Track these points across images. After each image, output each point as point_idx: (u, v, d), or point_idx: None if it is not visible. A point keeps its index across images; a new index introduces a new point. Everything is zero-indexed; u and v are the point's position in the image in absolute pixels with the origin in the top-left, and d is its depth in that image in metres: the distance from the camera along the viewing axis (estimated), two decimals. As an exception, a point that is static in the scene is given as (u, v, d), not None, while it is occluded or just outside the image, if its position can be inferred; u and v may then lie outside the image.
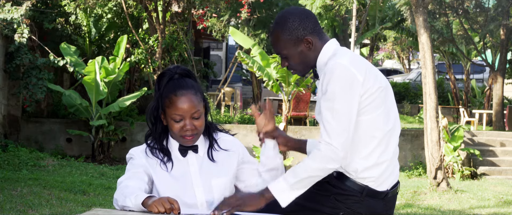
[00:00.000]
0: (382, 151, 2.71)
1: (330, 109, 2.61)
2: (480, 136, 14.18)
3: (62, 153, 12.29)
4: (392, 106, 2.79)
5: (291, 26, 2.74)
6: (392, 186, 2.79)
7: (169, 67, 2.78)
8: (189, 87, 2.70)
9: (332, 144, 2.58)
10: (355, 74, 2.62)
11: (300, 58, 2.78)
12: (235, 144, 2.89)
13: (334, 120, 2.60)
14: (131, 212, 2.58)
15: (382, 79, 2.75)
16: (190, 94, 2.68)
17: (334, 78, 2.61)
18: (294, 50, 2.77)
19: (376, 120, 2.69)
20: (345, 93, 2.60)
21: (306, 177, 2.61)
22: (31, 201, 7.33)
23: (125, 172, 2.76)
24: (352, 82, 2.61)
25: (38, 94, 11.65)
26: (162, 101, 2.70)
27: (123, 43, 12.48)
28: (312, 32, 2.76)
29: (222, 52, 30.28)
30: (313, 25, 2.77)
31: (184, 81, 2.71)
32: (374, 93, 2.66)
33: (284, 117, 12.10)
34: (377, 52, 31.21)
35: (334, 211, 2.71)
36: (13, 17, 11.17)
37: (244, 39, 12.59)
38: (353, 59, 2.69)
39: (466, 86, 21.16)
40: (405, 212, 8.52)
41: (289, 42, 2.76)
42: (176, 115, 2.67)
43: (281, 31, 2.76)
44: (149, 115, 2.76)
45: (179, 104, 2.66)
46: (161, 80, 2.73)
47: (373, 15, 20.19)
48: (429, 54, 10.03)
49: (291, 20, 2.75)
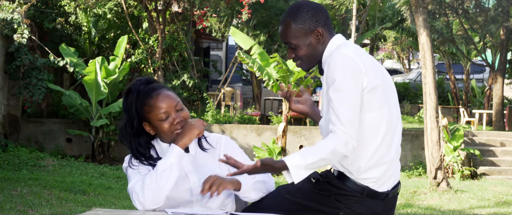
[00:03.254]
0: (384, 151, 2.70)
1: (339, 99, 2.59)
2: (480, 136, 14.18)
3: (62, 153, 12.29)
4: (395, 106, 2.77)
5: (304, 16, 2.74)
6: (393, 187, 2.78)
7: (131, 83, 2.81)
8: (160, 87, 2.76)
9: (347, 132, 2.56)
10: (358, 63, 2.62)
11: (308, 50, 2.77)
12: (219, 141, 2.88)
13: (344, 109, 2.57)
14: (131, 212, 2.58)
15: (386, 78, 2.74)
16: (164, 91, 2.74)
17: (339, 67, 2.60)
18: (304, 41, 2.76)
19: (379, 118, 2.67)
20: (351, 82, 2.59)
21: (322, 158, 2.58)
22: (31, 201, 7.33)
23: (130, 179, 2.76)
24: (356, 71, 2.61)
25: (37, 95, 11.65)
26: (140, 112, 2.72)
27: (123, 43, 12.49)
28: (324, 25, 2.76)
29: (222, 52, 30.28)
30: (325, 18, 2.77)
31: (153, 86, 2.76)
32: (377, 89, 2.65)
33: (284, 117, 12.10)
34: (377, 52, 31.20)
35: (334, 211, 2.71)
36: (13, 17, 11.17)
37: (244, 39, 12.59)
38: (357, 50, 2.69)
39: (466, 86, 21.16)
40: (405, 212, 8.52)
41: (300, 32, 2.75)
42: (161, 113, 2.70)
43: (294, 20, 2.75)
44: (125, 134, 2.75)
45: (160, 103, 2.70)
46: (129, 96, 2.75)
47: (373, 15, 20.19)
48: (429, 54, 10.03)
49: (305, 10, 2.75)
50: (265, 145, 12.03)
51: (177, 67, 13.75)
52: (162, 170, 2.63)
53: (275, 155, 11.74)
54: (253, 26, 17.16)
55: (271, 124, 14.14)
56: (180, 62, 13.88)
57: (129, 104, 2.74)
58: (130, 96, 2.75)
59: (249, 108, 18.22)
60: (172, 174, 2.64)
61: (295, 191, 2.79)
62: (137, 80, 2.81)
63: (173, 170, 2.64)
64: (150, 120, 2.72)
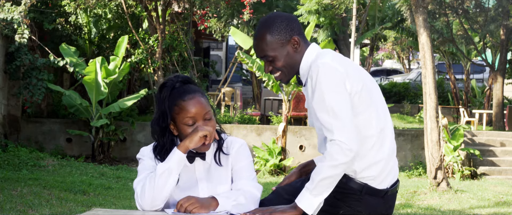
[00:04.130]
0: (377, 150, 2.71)
1: (323, 109, 2.61)
2: (480, 136, 14.18)
3: (62, 153, 12.29)
4: (381, 104, 2.79)
5: (279, 27, 2.75)
6: (392, 184, 2.80)
7: (169, 78, 2.77)
8: (195, 91, 2.70)
9: (335, 139, 2.57)
10: (337, 68, 2.63)
11: (286, 60, 2.78)
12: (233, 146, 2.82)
13: (331, 117, 2.59)
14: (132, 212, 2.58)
15: (366, 77, 2.76)
16: (198, 97, 2.68)
17: (319, 77, 2.62)
18: (281, 51, 2.76)
19: (368, 120, 2.69)
20: (333, 88, 2.61)
21: (321, 179, 2.59)
22: (31, 201, 7.33)
23: (138, 174, 2.75)
24: (337, 76, 2.62)
25: (37, 95, 11.65)
26: (170, 110, 2.68)
27: (124, 43, 12.49)
28: (299, 34, 2.78)
29: (222, 52, 30.29)
30: (299, 28, 2.80)
31: (188, 87, 2.71)
32: (360, 92, 2.67)
33: (284, 117, 12.10)
34: (377, 52, 31.20)
35: (334, 209, 2.72)
36: (14, 17, 11.17)
37: (244, 39, 12.59)
38: (335, 57, 2.70)
39: (466, 86, 21.16)
40: (405, 212, 8.52)
41: (276, 43, 2.76)
42: (188, 118, 2.65)
43: (269, 32, 2.75)
44: (155, 128, 2.73)
45: (190, 108, 2.65)
46: (163, 91, 2.71)
47: (373, 15, 20.18)
48: (429, 54, 10.03)
49: (279, 21, 2.76)
50: (265, 145, 12.03)
51: (177, 67, 13.74)
52: (161, 173, 2.61)
53: (275, 155, 11.74)
54: (253, 26, 17.15)
55: (271, 124, 14.15)
56: (180, 62, 13.87)
57: (161, 99, 2.70)
58: (163, 91, 2.71)
59: (249, 108, 18.23)
60: (171, 177, 2.61)
61: (295, 192, 2.80)
62: (175, 76, 2.76)
63: (172, 174, 2.61)
64: (176, 120, 2.68)
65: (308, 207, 2.60)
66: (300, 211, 2.62)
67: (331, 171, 2.59)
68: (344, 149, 2.56)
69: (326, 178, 2.59)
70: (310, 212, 2.60)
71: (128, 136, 12.84)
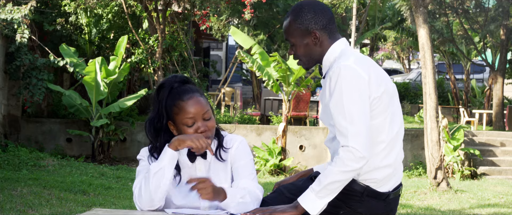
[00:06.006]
0: (385, 155, 2.70)
1: (341, 113, 2.59)
2: (480, 136, 14.18)
3: (62, 153, 12.28)
4: (397, 110, 2.77)
5: (303, 17, 2.74)
6: (394, 188, 2.78)
7: (166, 78, 2.76)
8: (194, 91, 2.70)
9: (349, 145, 2.56)
10: (360, 73, 2.60)
11: (305, 50, 2.78)
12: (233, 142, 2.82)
13: (347, 122, 2.57)
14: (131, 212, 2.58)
15: (388, 83, 2.72)
16: (197, 97, 2.68)
17: (340, 80, 2.59)
18: (301, 41, 2.76)
19: (382, 125, 2.68)
20: (353, 93, 2.58)
21: (329, 183, 2.59)
22: (31, 201, 7.33)
23: (136, 175, 2.76)
24: (358, 80, 2.59)
25: (37, 95, 11.65)
26: (169, 111, 2.67)
27: (124, 43, 12.48)
28: (323, 28, 2.75)
29: (222, 52, 30.28)
30: (326, 22, 2.75)
31: (187, 87, 2.71)
32: (381, 97, 2.65)
33: (284, 117, 12.10)
34: (377, 52, 31.20)
35: (335, 210, 2.71)
36: (14, 18, 11.17)
37: (244, 39, 12.59)
38: (359, 60, 2.66)
39: (466, 86, 21.16)
40: (405, 212, 8.52)
41: (297, 31, 2.75)
42: (187, 118, 2.65)
43: (294, 19, 2.75)
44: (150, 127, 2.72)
45: (189, 108, 2.65)
46: (162, 91, 2.71)
47: (373, 15, 20.19)
48: (429, 54, 10.03)
49: (305, 11, 2.75)
50: (265, 145, 12.03)
51: (177, 67, 13.75)
52: (154, 173, 2.61)
53: (275, 155, 11.74)
54: (253, 25, 17.16)
55: (271, 124, 14.15)
56: (180, 62, 13.87)
57: (159, 100, 2.70)
58: (161, 91, 2.71)
59: (249, 108, 18.23)
60: (165, 176, 2.61)
61: (296, 190, 2.80)
62: (172, 76, 2.76)
63: (166, 172, 2.61)
64: (175, 121, 2.68)
65: (311, 208, 2.60)
66: (301, 211, 2.61)
67: (340, 176, 2.59)
68: (357, 157, 2.55)
69: (334, 182, 2.59)
70: (313, 213, 2.60)
71: (128, 136, 12.84)
